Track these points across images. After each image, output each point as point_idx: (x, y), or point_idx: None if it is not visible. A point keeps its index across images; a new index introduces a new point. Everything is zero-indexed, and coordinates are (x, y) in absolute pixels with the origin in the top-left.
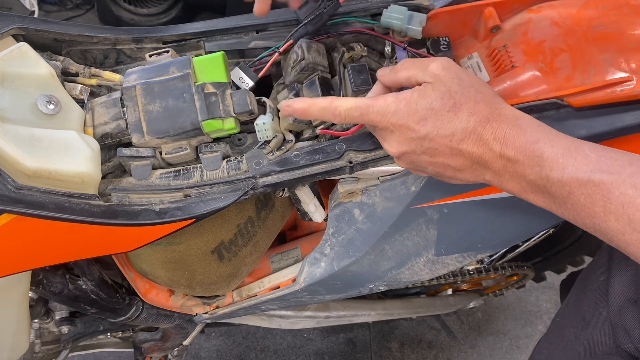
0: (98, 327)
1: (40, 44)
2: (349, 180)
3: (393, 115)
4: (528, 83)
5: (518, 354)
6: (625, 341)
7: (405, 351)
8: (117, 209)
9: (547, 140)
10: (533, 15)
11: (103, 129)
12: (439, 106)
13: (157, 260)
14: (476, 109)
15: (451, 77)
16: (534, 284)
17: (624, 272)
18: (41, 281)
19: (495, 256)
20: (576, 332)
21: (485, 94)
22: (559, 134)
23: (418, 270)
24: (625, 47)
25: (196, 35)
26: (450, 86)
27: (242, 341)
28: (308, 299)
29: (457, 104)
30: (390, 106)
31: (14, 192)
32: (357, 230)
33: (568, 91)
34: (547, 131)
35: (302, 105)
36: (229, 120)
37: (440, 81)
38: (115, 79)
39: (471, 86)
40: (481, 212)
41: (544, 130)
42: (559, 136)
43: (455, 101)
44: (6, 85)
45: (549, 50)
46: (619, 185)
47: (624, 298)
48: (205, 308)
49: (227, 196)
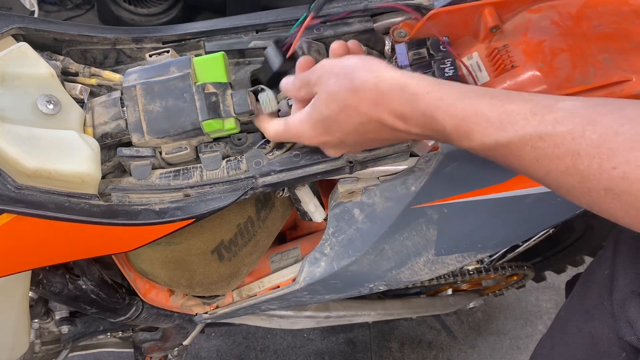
0: (98, 327)
1: (40, 44)
2: (349, 180)
3: (303, 138)
4: (528, 83)
5: (518, 354)
6: (628, 333)
7: (405, 351)
8: (117, 208)
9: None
10: (533, 15)
11: (103, 128)
12: (329, 114)
13: (157, 260)
14: (359, 98)
15: (328, 78)
16: (534, 284)
17: (629, 265)
18: (41, 281)
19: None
20: (579, 326)
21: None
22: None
23: (418, 270)
24: (625, 47)
25: (196, 35)
26: (330, 88)
27: (242, 341)
28: (308, 299)
29: (341, 103)
30: (298, 131)
31: (14, 192)
32: (357, 230)
33: (568, 91)
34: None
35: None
36: (229, 121)
37: (321, 88)
38: (115, 78)
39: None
40: (481, 212)
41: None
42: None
43: (339, 102)
44: (6, 85)
45: (549, 50)
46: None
47: (628, 290)
48: (205, 308)
49: (227, 196)
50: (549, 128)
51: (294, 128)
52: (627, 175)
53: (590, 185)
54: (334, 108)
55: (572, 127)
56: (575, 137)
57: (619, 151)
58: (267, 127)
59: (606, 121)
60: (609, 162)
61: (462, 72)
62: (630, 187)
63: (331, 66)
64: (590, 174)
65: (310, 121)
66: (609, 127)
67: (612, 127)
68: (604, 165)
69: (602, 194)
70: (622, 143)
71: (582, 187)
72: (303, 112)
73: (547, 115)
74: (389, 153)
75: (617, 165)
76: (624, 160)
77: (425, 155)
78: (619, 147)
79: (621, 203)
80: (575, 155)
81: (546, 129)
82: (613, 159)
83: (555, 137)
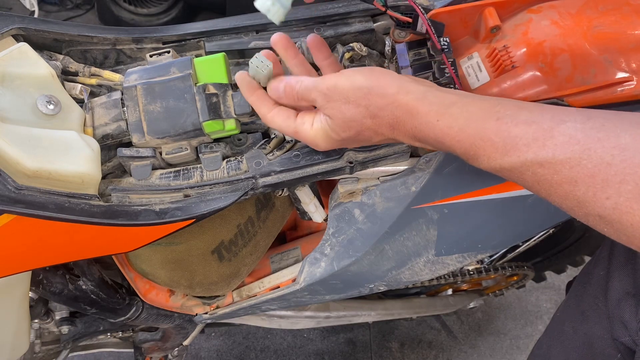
0: (98, 327)
1: (40, 44)
2: (349, 180)
3: (317, 147)
4: (528, 83)
5: (518, 354)
6: (622, 334)
7: (405, 351)
8: (117, 209)
9: (452, 136)
10: (533, 15)
11: (104, 129)
12: (348, 136)
13: (157, 260)
14: (377, 123)
15: (339, 104)
16: (534, 284)
17: (624, 266)
18: (41, 281)
19: (496, 256)
20: (575, 326)
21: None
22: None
23: (418, 271)
24: (625, 47)
25: (196, 35)
26: (344, 115)
27: (242, 341)
28: (308, 299)
29: (359, 130)
30: (311, 140)
31: (14, 193)
32: (357, 230)
33: (568, 91)
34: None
35: None
36: (230, 121)
37: (333, 115)
38: (115, 78)
39: (360, 103)
40: (481, 212)
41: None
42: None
43: (357, 128)
44: (6, 85)
45: (549, 50)
46: (528, 167)
47: (622, 291)
48: (205, 308)
49: (227, 196)
50: (548, 155)
51: (306, 135)
52: (619, 206)
53: (586, 211)
54: (352, 132)
55: (570, 156)
56: (573, 166)
57: (612, 183)
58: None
59: (600, 151)
60: (603, 192)
61: (463, 72)
62: (622, 218)
63: (342, 90)
64: (586, 200)
65: (326, 139)
66: (602, 158)
67: (605, 158)
68: (598, 195)
69: (598, 220)
70: (614, 175)
71: (580, 211)
72: (317, 129)
73: (548, 141)
74: (390, 153)
75: (610, 196)
76: (615, 192)
77: (426, 155)
78: (611, 179)
79: (614, 229)
80: (572, 183)
81: (546, 155)
82: (606, 189)
83: (554, 165)
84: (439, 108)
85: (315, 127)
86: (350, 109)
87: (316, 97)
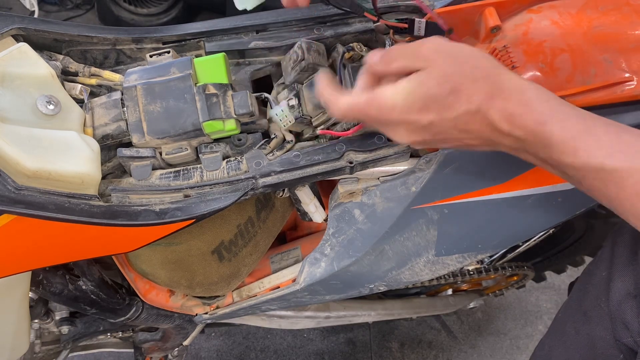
0: (98, 327)
1: (40, 44)
2: (349, 180)
3: (392, 111)
4: None
5: (518, 354)
6: (624, 335)
7: (405, 351)
8: (117, 209)
9: (557, 120)
10: (533, 15)
11: (104, 130)
12: (437, 92)
13: (157, 260)
14: (476, 87)
15: (444, 58)
16: (534, 284)
17: (626, 267)
18: (41, 281)
19: (496, 256)
20: (577, 327)
21: (484, 68)
22: (569, 109)
23: (418, 271)
24: (625, 47)
25: (196, 35)
26: (446, 68)
27: (242, 341)
28: (308, 299)
29: (455, 86)
30: (387, 103)
31: (14, 193)
32: (357, 231)
33: (568, 91)
34: (556, 107)
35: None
36: (230, 122)
37: (434, 65)
38: (115, 78)
39: (466, 62)
40: (481, 212)
41: (553, 106)
42: (569, 114)
43: (453, 84)
44: (6, 86)
45: (549, 50)
46: (632, 173)
47: (624, 292)
48: (205, 308)
49: (227, 196)
50: None
51: (383, 98)
52: None
53: None
54: (445, 88)
55: None
56: None
57: None
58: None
59: None
60: None
61: None
62: None
63: (445, 47)
64: None
65: (411, 94)
66: None
67: None
68: None
69: None
70: None
71: None
72: (401, 84)
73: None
74: (390, 153)
75: None
76: None
77: (426, 155)
78: None
79: None
80: None
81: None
82: None
83: None
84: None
85: (401, 86)
86: (453, 64)
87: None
